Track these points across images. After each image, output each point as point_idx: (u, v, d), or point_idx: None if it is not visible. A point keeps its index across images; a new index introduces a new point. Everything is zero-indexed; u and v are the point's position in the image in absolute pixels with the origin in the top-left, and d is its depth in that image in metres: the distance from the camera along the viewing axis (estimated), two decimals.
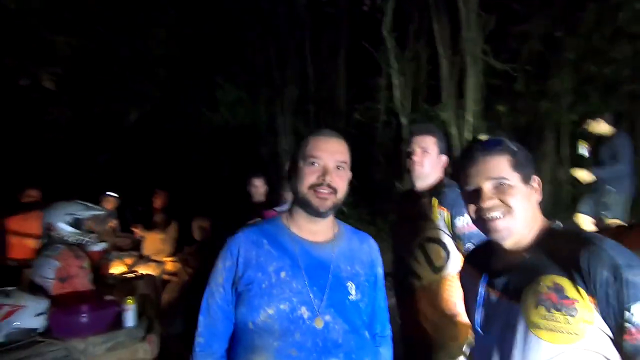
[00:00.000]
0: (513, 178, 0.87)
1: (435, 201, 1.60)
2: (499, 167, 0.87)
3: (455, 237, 1.57)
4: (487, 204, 0.87)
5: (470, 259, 1.08)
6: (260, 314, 0.90)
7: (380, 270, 1.11)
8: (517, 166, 0.87)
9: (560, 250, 0.81)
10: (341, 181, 0.99)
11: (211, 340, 0.98)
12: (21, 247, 3.72)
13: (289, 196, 3.52)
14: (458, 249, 1.59)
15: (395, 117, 7.69)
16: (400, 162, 7.46)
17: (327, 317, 0.92)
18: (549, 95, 6.51)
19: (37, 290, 1.90)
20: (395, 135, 7.89)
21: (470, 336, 1.58)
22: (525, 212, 0.87)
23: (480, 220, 0.89)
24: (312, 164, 0.97)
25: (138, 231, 4.24)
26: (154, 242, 4.17)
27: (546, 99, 6.50)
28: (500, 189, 0.86)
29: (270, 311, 0.90)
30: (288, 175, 1.06)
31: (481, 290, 0.92)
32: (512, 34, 6.99)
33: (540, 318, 0.78)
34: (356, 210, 7.74)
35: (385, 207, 7.25)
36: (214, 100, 8.38)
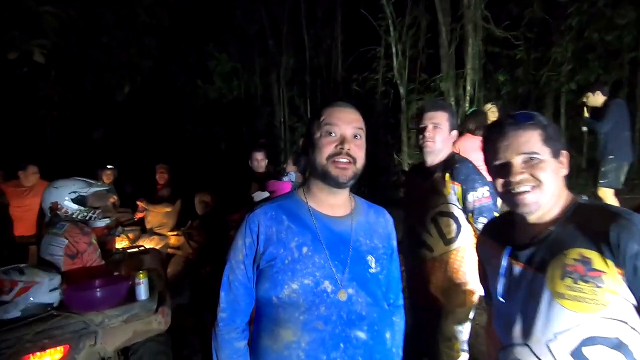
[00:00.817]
0: (544, 152, 0.87)
1: (447, 176, 1.64)
2: (531, 142, 0.87)
3: (467, 210, 1.62)
4: (517, 178, 0.87)
5: (490, 231, 1.10)
6: (285, 289, 0.91)
7: (395, 243, 1.12)
8: (547, 140, 0.88)
9: (588, 224, 0.83)
10: (359, 150, 0.96)
11: (234, 315, 0.99)
12: (24, 223, 3.74)
13: (290, 168, 3.54)
14: (469, 222, 1.64)
15: (393, 88, 7.59)
16: (398, 134, 7.45)
17: (350, 290, 0.93)
18: (550, 63, 6.41)
19: (47, 266, 1.92)
20: (393, 106, 7.81)
21: (478, 302, 1.67)
22: (553, 186, 0.88)
23: (508, 194, 0.90)
24: (330, 133, 0.95)
25: (143, 205, 4.26)
26: (157, 216, 4.19)
27: (547, 68, 6.41)
28: (530, 163, 0.87)
29: (295, 286, 0.90)
30: (303, 150, 1.04)
31: (504, 261, 0.94)
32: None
33: (565, 288, 0.82)
34: (355, 183, 7.77)
35: (384, 179, 7.31)
36: (208, 71, 8.18)
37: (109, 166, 4.44)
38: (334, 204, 1.01)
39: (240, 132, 8.77)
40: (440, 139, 1.67)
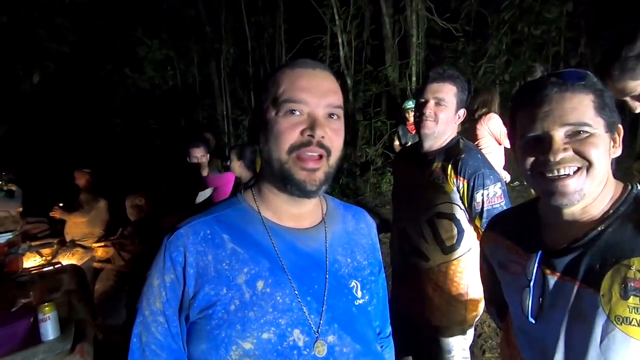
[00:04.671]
0: (597, 124, 0.66)
1: (450, 169, 1.32)
2: (580, 109, 0.65)
3: (473, 212, 1.31)
4: (558, 156, 0.65)
5: (502, 227, 0.86)
6: (232, 352, 0.59)
7: (379, 255, 0.83)
8: (602, 109, 0.66)
9: None
10: (337, 137, 0.66)
11: None
12: None
13: (235, 164, 3.17)
14: (475, 226, 1.34)
15: (340, 78, 7.44)
16: (348, 126, 7.35)
17: (331, 339, 0.64)
18: (486, 55, 6.69)
19: None
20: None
21: (482, 317, 1.39)
22: (604, 170, 0.67)
23: (542, 178, 0.68)
24: (292, 112, 0.63)
25: (57, 214, 3.60)
26: (78, 225, 3.57)
27: (484, 60, 6.68)
28: (578, 137, 0.66)
29: (248, 345, 0.59)
30: (251, 136, 0.72)
31: (533, 269, 0.72)
32: None
33: (631, 311, 0.61)
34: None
35: (340, 175, 7.13)
36: (137, 58, 7.36)
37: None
38: (299, 213, 0.70)
39: (178, 126, 8.07)
40: (443, 118, 1.33)
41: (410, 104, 4.00)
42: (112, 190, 3.92)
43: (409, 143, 3.91)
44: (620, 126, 0.70)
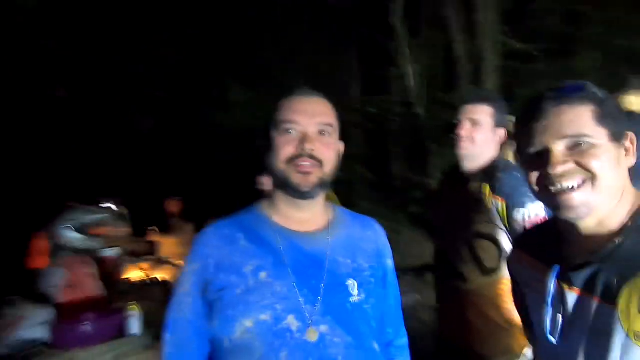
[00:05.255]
0: (598, 134, 0.65)
1: (486, 188, 1.32)
2: (579, 121, 0.66)
3: (513, 232, 1.28)
4: (558, 169, 0.65)
5: (526, 244, 0.85)
6: (236, 329, 0.72)
7: (389, 263, 0.91)
8: (603, 119, 0.66)
9: None
10: (327, 150, 0.80)
11: (179, 357, 0.79)
12: (35, 255, 3.76)
13: (267, 181, 3.39)
14: None
15: (410, 109, 7.45)
16: (420, 155, 7.23)
17: (323, 328, 0.73)
18: (574, 74, 6.13)
19: (44, 299, 1.85)
20: (412, 127, 7.65)
21: (529, 345, 1.32)
22: (613, 181, 0.65)
23: (547, 193, 0.68)
24: (288, 131, 0.79)
25: (154, 236, 4.23)
26: (170, 245, 4.15)
27: (570, 79, 6.11)
28: (578, 149, 0.65)
29: (248, 324, 0.72)
30: (261, 151, 0.87)
31: (551, 286, 0.71)
32: (531, 11, 6.64)
33: None
34: (375, 205, 7.55)
35: (405, 201, 7.03)
36: (226, 102, 8.38)
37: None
38: (303, 217, 0.83)
39: (258, 163, 8.82)
40: (480, 138, 1.34)
41: None
42: (198, 216, 4.47)
43: None
44: (630, 133, 0.68)
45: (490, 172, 1.34)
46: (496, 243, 1.30)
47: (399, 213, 6.49)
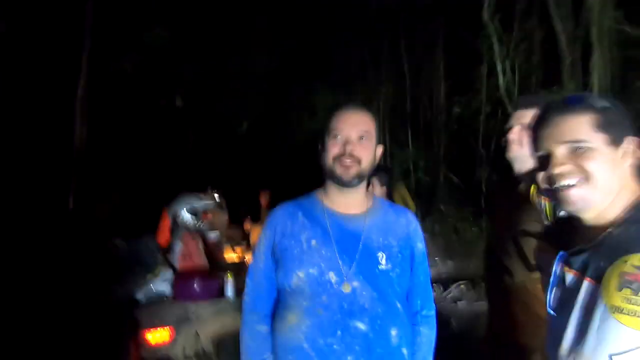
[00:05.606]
0: (594, 140, 0.75)
1: (534, 188, 1.38)
2: (576, 128, 0.76)
3: None
4: (558, 169, 0.76)
5: (547, 235, 0.98)
6: (293, 277, 0.99)
7: (419, 245, 1.11)
8: (602, 126, 0.75)
9: None
10: (364, 150, 1.02)
11: (256, 300, 1.09)
12: (162, 231, 4.63)
13: (377, 190, 3.58)
14: None
15: (501, 107, 7.00)
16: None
17: (355, 283, 0.98)
18: None
19: (169, 265, 2.39)
20: (501, 128, 7.18)
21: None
22: (608, 180, 0.75)
23: (552, 191, 0.79)
24: (335, 136, 1.03)
25: (248, 225, 4.86)
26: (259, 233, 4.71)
27: None
28: (577, 152, 0.76)
29: (301, 274, 0.98)
30: (319, 152, 1.12)
31: (556, 268, 0.82)
32: None
33: (622, 301, 0.68)
34: (459, 209, 7.28)
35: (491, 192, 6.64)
36: (313, 106, 8.94)
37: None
38: (347, 202, 1.08)
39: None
40: (528, 142, 1.48)
41: None
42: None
43: None
44: (631, 137, 0.76)
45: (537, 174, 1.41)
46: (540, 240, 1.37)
47: (481, 219, 6.19)
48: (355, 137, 1.03)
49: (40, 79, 5.21)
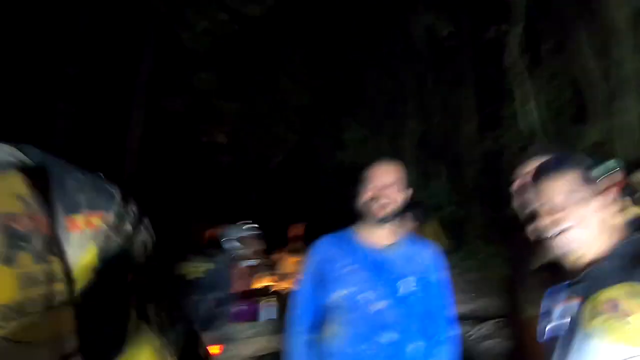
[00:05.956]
0: (579, 193, 0.88)
1: None
2: (561, 188, 0.89)
3: None
4: (546, 221, 0.90)
5: (541, 275, 1.15)
6: (332, 296, 1.22)
7: (439, 275, 1.29)
8: (585, 182, 0.89)
9: (625, 263, 0.82)
10: (394, 193, 1.25)
11: (302, 315, 1.31)
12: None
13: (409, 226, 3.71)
14: None
15: (531, 143, 6.97)
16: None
17: (382, 304, 1.20)
18: None
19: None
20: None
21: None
22: (587, 230, 0.88)
23: (542, 238, 0.93)
24: (371, 182, 1.26)
25: (281, 254, 5.08)
26: (291, 264, 4.90)
27: None
28: (565, 204, 0.89)
29: (343, 292, 1.21)
30: (358, 194, 1.33)
31: (544, 303, 0.98)
32: None
33: (595, 327, 0.81)
34: (490, 245, 7.13)
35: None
36: (342, 140, 9.25)
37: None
38: (379, 235, 1.29)
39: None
40: None
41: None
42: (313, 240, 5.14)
43: None
44: (607, 188, 0.91)
45: None
46: None
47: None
48: (389, 182, 1.25)
49: (100, 119, 5.87)
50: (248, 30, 6.94)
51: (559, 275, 1.03)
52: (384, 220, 1.25)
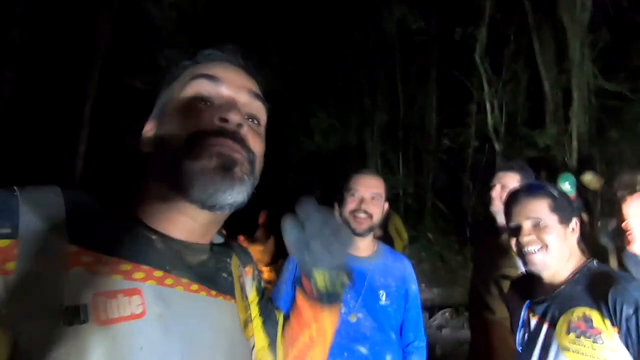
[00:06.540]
0: (550, 219, 1.01)
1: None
2: (538, 209, 1.02)
3: None
4: (525, 239, 1.02)
5: (516, 285, 1.23)
6: None
7: (413, 287, 1.34)
8: (555, 209, 1.02)
9: (593, 286, 0.94)
10: (376, 208, 1.26)
11: None
12: None
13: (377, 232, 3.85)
14: None
15: (488, 142, 7.41)
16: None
17: (360, 315, 1.22)
18: None
19: None
20: (487, 161, 7.57)
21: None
22: (560, 250, 1.00)
23: (520, 254, 1.06)
24: (353, 195, 1.27)
25: (243, 243, 5.00)
26: (255, 252, 4.85)
27: None
28: (538, 227, 1.02)
29: None
30: (337, 203, 1.35)
31: (523, 314, 1.07)
32: (634, 49, 6.25)
33: (570, 342, 0.92)
34: (445, 237, 7.55)
35: (475, 235, 6.96)
36: (309, 127, 9.23)
37: None
38: (357, 246, 1.30)
39: (334, 182, 9.42)
40: None
41: (565, 185, 3.09)
42: (278, 229, 5.14)
43: None
44: (576, 219, 1.03)
45: None
46: None
47: (465, 247, 6.47)
48: (369, 196, 1.27)
49: (49, 91, 5.36)
50: (219, 9, 6.61)
51: (526, 287, 1.14)
52: (363, 234, 1.27)
